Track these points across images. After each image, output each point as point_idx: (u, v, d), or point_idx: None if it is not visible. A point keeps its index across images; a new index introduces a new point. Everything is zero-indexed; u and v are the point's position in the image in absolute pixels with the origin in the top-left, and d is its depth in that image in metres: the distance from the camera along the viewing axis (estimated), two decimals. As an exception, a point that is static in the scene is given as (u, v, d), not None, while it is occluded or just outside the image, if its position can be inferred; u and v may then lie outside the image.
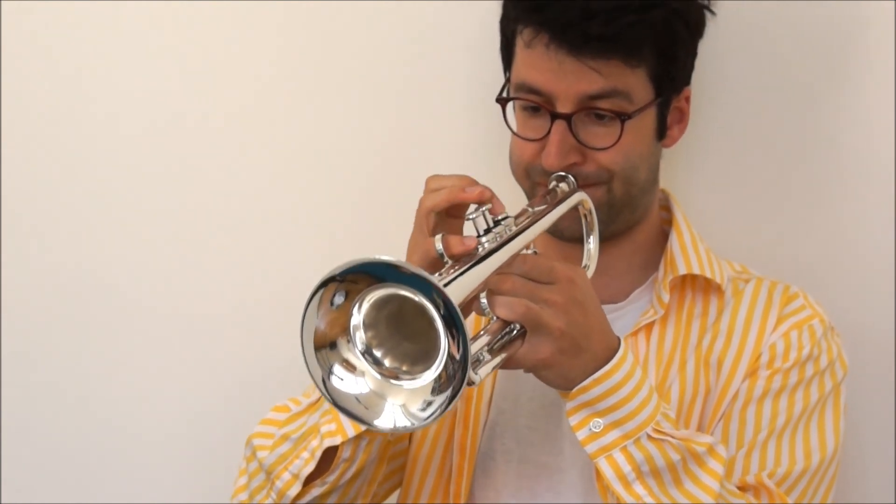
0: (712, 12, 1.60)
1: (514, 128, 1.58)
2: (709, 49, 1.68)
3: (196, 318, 1.97)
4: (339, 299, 1.21)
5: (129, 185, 1.95)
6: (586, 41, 1.47)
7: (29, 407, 1.98)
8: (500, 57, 1.62)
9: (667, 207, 1.70)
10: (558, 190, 1.52)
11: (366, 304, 1.22)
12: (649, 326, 1.60)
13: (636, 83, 1.52)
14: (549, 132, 1.52)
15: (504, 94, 1.58)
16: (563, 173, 1.53)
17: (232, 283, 1.96)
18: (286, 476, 1.50)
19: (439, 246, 1.33)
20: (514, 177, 1.60)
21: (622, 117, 1.51)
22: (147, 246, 1.95)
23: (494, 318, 1.32)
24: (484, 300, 1.31)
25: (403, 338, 1.24)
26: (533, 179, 1.57)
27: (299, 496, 1.50)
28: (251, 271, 1.95)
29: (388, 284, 1.19)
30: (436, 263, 1.34)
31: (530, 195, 1.59)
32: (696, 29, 1.58)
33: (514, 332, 1.34)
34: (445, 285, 1.19)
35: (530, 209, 1.47)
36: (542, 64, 1.50)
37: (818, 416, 1.57)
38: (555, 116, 1.51)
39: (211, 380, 1.97)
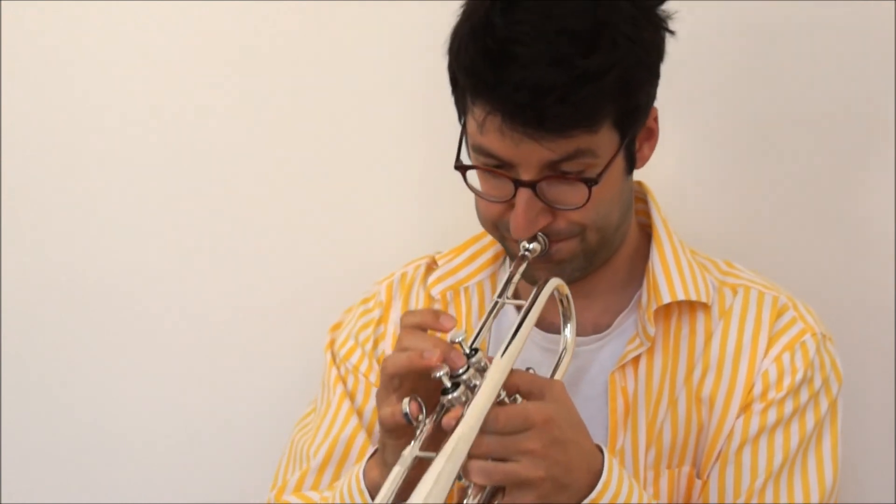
0: (671, 32, 1.48)
1: (477, 185, 1.50)
2: (708, 47, 1.68)
3: (197, 320, 1.97)
4: None
5: (130, 185, 1.95)
6: (542, 122, 1.37)
7: (29, 407, 1.99)
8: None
9: (643, 199, 1.64)
10: (528, 254, 1.46)
11: None
12: (636, 359, 1.55)
13: (600, 140, 1.42)
14: (514, 195, 1.44)
15: (462, 158, 1.49)
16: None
17: (234, 286, 1.96)
18: None
19: (406, 409, 1.29)
20: (483, 228, 1.55)
21: (589, 182, 1.42)
22: (148, 247, 1.96)
23: (471, 484, 1.30)
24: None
25: None
26: (502, 233, 1.51)
27: None
28: (253, 274, 1.96)
29: None
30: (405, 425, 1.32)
31: (503, 245, 1.54)
32: (656, 63, 1.47)
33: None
34: None
35: (499, 300, 1.43)
36: (497, 142, 1.41)
37: (815, 446, 1.54)
38: (518, 184, 1.43)
39: (211, 381, 1.98)
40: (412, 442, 1.29)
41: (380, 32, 1.88)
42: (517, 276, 1.46)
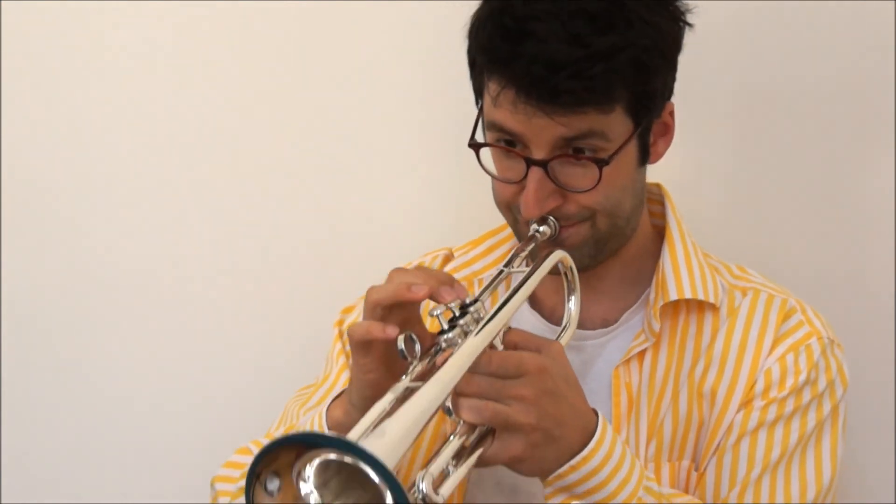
0: (689, 25, 1.50)
1: (491, 166, 1.52)
2: (715, 48, 1.69)
3: (196, 318, 1.98)
4: (272, 485, 1.19)
5: (130, 184, 1.96)
6: (555, 97, 1.39)
7: (29, 407, 2.00)
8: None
9: (660, 202, 1.65)
10: (538, 235, 1.47)
11: (310, 473, 1.19)
12: (641, 354, 1.56)
13: (612, 122, 1.44)
14: (526, 174, 1.46)
15: (476, 137, 1.51)
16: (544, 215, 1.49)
17: (232, 285, 1.97)
18: None
19: (401, 346, 1.28)
20: (498, 210, 1.56)
21: (600, 163, 1.44)
22: (147, 245, 1.97)
23: (461, 420, 1.30)
24: (449, 403, 1.29)
25: (358, 485, 1.20)
26: (515, 216, 1.52)
27: None
28: (251, 273, 1.97)
29: (316, 451, 1.17)
30: (392, 350, 1.32)
31: (514, 229, 1.55)
32: (672, 51, 1.49)
33: (485, 429, 1.32)
34: (365, 438, 1.16)
35: (505, 269, 1.44)
36: (510, 117, 1.44)
37: (815, 444, 1.53)
38: (530, 162, 1.45)
39: (211, 380, 1.99)
40: (404, 376, 1.27)
41: (387, 29, 1.90)
42: (524, 253, 1.47)
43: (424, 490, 1.21)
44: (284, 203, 1.95)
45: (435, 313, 1.31)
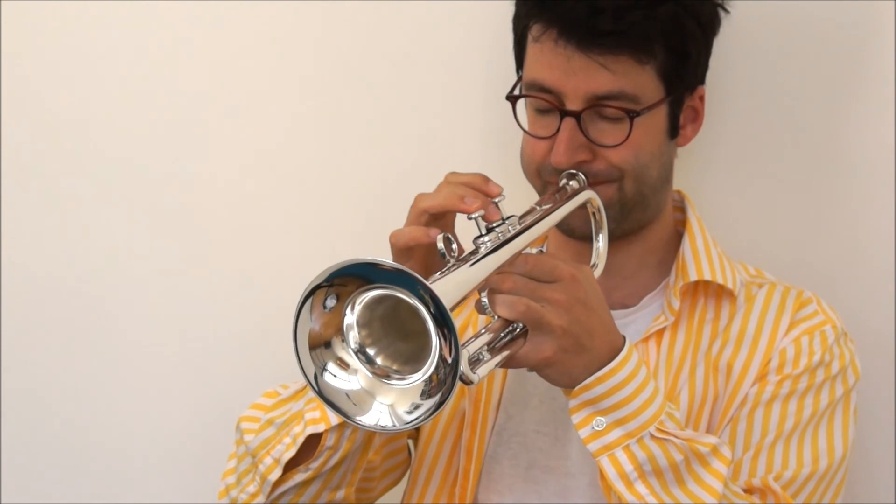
0: (726, 10, 1.60)
1: (525, 126, 1.58)
2: (723, 49, 1.69)
3: (195, 321, 1.97)
4: (330, 302, 1.24)
5: (129, 187, 1.96)
6: (594, 37, 1.48)
7: (29, 408, 1.99)
8: (512, 56, 1.62)
9: (682, 209, 1.70)
10: (568, 188, 1.52)
11: (358, 305, 1.24)
12: (660, 333, 1.60)
13: (645, 82, 1.52)
14: (558, 130, 1.52)
15: (514, 93, 1.59)
16: (573, 171, 1.53)
17: (232, 288, 1.97)
18: (268, 461, 1.50)
19: (441, 245, 1.31)
20: (525, 176, 1.60)
21: (631, 114, 1.50)
22: (146, 249, 1.96)
23: (496, 317, 1.33)
24: (485, 299, 1.32)
25: (398, 337, 1.26)
26: (544, 178, 1.57)
27: (280, 481, 1.50)
28: (251, 276, 1.96)
29: (377, 285, 1.21)
30: (432, 254, 1.35)
31: (542, 194, 1.59)
32: (708, 26, 1.57)
33: (517, 330, 1.35)
34: (433, 283, 1.20)
35: (538, 207, 1.48)
36: (551, 60, 1.51)
37: (827, 420, 1.56)
38: (564, 114, 1.52)
39: (209, 382, 1.97)
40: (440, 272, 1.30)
41: (395, 32, 1.90)
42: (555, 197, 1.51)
43: (462, 368, 1.23)
44: (288, 203, 1.95)
45: (474, 216, 1.35)
